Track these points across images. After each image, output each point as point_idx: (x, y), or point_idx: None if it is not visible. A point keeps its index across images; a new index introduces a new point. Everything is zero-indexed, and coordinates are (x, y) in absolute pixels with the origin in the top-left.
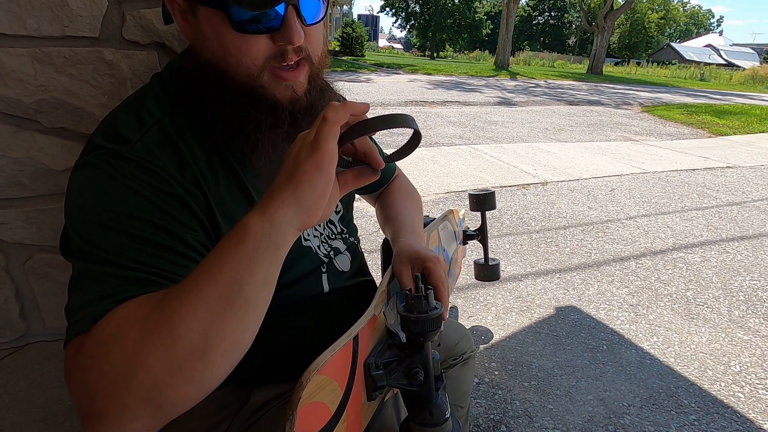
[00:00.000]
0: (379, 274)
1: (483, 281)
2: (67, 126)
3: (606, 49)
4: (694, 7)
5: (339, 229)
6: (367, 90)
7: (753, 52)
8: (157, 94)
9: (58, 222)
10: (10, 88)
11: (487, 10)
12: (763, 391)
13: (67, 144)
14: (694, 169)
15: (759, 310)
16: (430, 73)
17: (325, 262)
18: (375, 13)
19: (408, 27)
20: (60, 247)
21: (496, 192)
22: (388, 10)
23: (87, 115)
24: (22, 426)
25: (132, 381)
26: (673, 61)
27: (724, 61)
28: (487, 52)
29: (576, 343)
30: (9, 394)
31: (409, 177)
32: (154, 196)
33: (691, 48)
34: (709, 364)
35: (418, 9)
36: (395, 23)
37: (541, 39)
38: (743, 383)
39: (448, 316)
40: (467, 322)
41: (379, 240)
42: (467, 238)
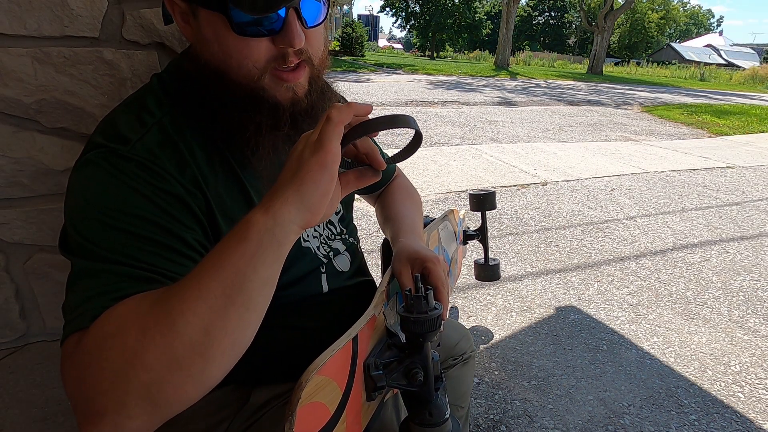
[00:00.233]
0: (379, 274)
1: (483, 281)
2: (67, 126)
3: (606, 49)
4: (694, 7)
5: (338, 230)
6: (367, 90)
7: (753, 52)
8: (157, 94)
9: (58, 222)
10: (10, 88)
11: (487, 10)
12: (763, 391)
13: (67, 144)
14: (694, 169)
15: (759, 310)
16: (430, 73)
17: (324, 262)
18: (375, 13)
19: (408, 27)
20: (59, 244)
21: (496, 192)
22: (388, 10)
23: (87, 115)
24: (22, 426)
25: (131, 378)
26: (673, 61)
27: (724, 61)
28: (487, 52)
29: (576, 343)
30: (9, 394)
31: (409, 177)
32: (154, 194)
33: (691, 48)
34: (709, 364)
35: (418, 9)
36: (395, 23)
37: (541, 39)
38: (743, 383)
39: (448, 316)
40: (467, 322)
41: (379, 240)
42: (467, 238)
